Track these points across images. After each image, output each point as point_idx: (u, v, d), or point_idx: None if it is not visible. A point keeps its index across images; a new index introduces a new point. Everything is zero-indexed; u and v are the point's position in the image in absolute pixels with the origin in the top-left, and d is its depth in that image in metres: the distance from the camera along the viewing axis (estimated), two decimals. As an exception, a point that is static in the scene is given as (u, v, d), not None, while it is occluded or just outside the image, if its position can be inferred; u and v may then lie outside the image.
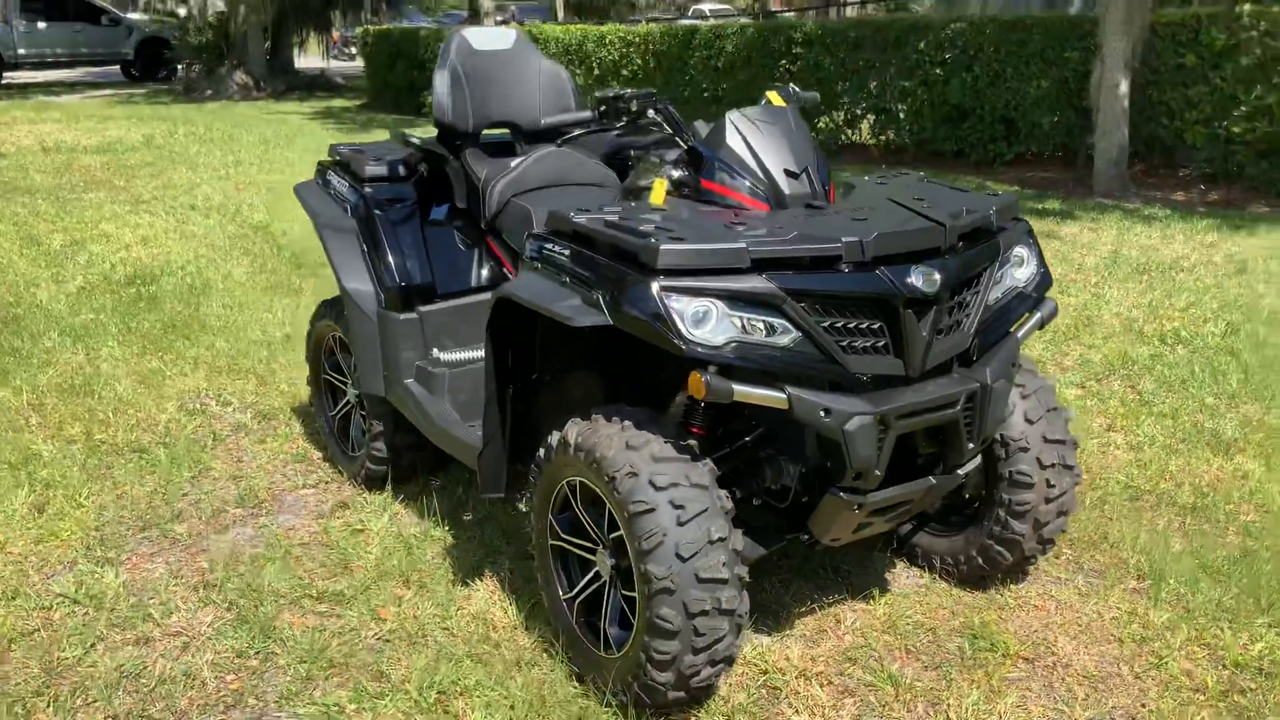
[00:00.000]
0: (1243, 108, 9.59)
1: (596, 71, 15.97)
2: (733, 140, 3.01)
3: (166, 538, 3.82)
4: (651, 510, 2.60)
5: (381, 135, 16.14)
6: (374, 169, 3.95)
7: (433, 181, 4.02)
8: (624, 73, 15.52)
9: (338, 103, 22.29)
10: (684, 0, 39.51)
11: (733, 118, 3.06)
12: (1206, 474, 4.22)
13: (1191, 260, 7.65)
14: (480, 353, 3.80)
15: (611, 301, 2.64)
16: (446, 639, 3.18)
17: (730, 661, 2.73)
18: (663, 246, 2.56)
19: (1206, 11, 9.89)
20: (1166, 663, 3.03)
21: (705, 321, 2.57)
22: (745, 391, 2.60)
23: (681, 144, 3.20)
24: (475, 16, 20.07)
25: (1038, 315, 3.08)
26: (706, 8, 35.49)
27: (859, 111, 12.73)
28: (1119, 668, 3.02)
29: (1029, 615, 3.27)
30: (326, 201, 4.06)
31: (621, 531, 2.70)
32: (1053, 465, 3.18)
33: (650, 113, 3.24)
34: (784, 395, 2.61)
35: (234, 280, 7.43)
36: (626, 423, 2.77)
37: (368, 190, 3.91)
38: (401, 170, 3.98)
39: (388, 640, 3.18)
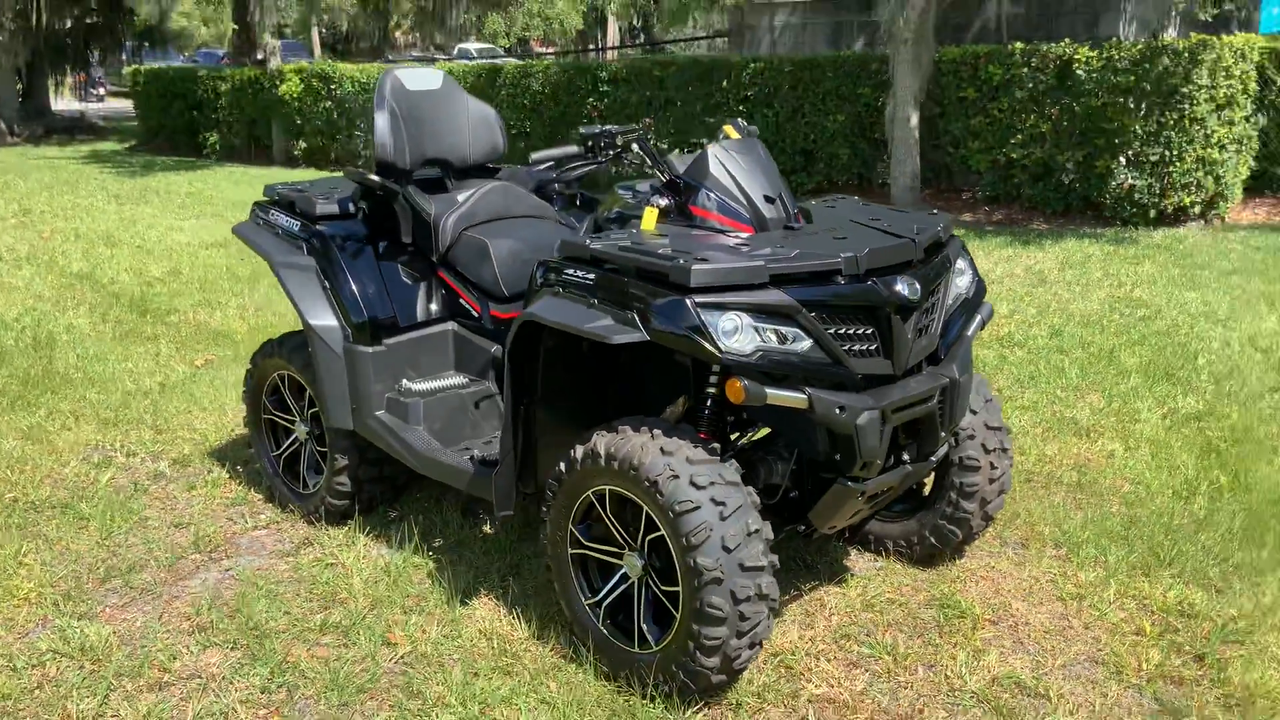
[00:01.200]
0: (1019, 135, 10.65)
1: (395, 110, 15.91)
2: (716, 170, 3.30)
3: (133, 588, 3.74)
4: (697, 508, 2.84)
5: (169, 177, 15.56)
6: (326, 207, 4.01)
7: (374, 218, 4.12)
8: (425, 111, 15.54)
9: (105, 145, 21.28)
10: (444, 41, 39.69)
11: (713, 150, 3.34)
12: (1078, 455, 4.80)
13: (998, 273, 8.48)
14: (447, 381, 3.94)
15: (647, 318, 2.87)
16: (465, 656, 3.29)
17: (762, 644, 2.99)
18: (694, 266, 2.81)
19: (984, 49, 10.94)
20: (1105, 614, 3.49)
21: (736, 333, 2.84)
22: (774, 394, 2.88)
23: (661, 175, 3.46)
24: (240, 54, 19.59)
25: (979, 317, 3.51)
26: (472, 48, 35.70)
27: (664, 146, 13.28)
28: (1069, 621, 3.47)
29: (980, 584, 3.69)
30: (276, 241, 4.08)
31: (661, 531, 2.92)
32: (994, 450, 3.61)
33: (634, 147, 3.49)
34: (804, 396, 2.91)
35: (79, 331, 7.13)
36: (656, 431, 3.00)
37: (322, 228, 3.97)
38: (351, 208, 4.06)
39: (408, 663, 3.27)
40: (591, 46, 41.45)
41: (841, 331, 2.97)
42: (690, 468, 2.90)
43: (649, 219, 3.30)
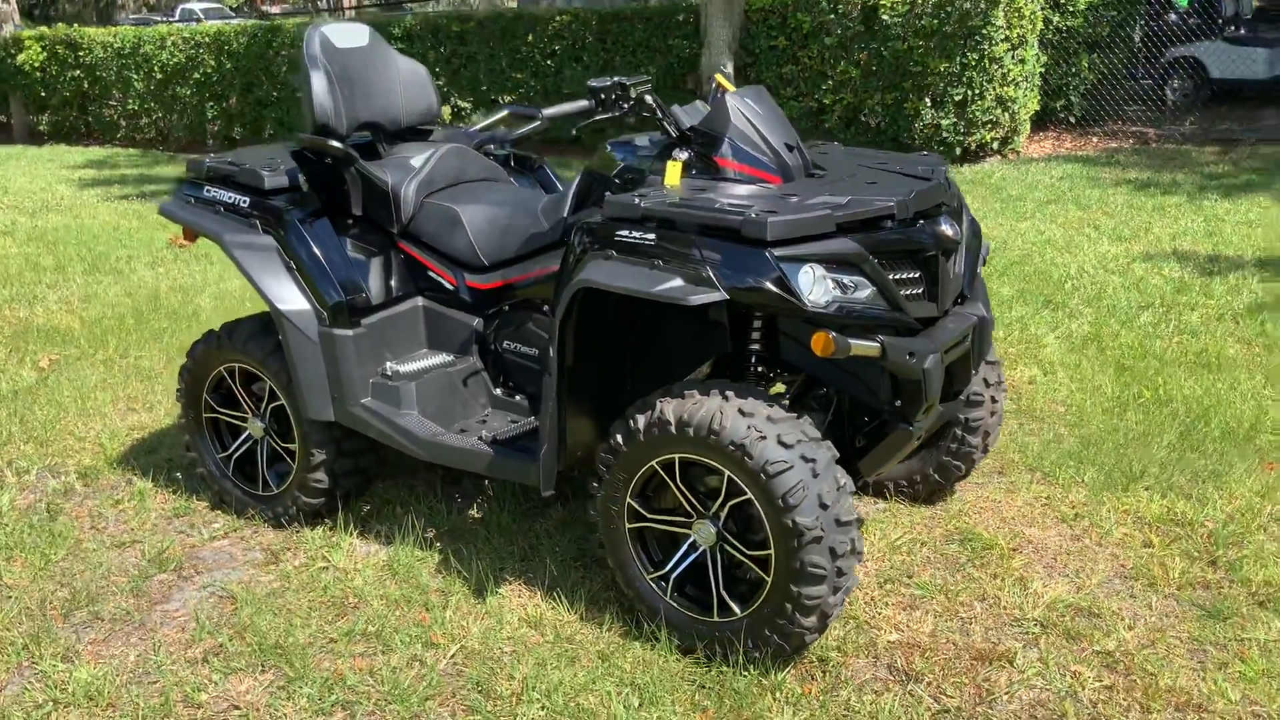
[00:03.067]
0: (830, 81, 10.96)
1: (160, 76, 14.77)
2: (738, 119, 3.19)
3: (104, 619, 3.31)
4: (790, 467, 2.76)
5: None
6: (275, 179, 3.64)
7: (317, 191, 3.77)
8: (195, 76, 14.49)
9: None
10: (169, 1, 37.16)
11: (731, 100, 3.23)
12: (1006, 383, 5.00)
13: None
14: (433, 360, 3.68)
15: (722, 276, 2.75)
16: (519, 649, 3.10)
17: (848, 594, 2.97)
18: (770, 219, 2.72)
19: (790, -2, 11.17)
20: (1110, 531, 3.66)
21: (813, 284, 2.77)
22: (855, 344, 2.83)
23: (668, 128, 3.30)
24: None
25: (980, 255, 3.57)
26: (197, 7, 33.54)
27: (469, 104, 12.89)
28: (1082, 542, 3.61)
29: (984, 515, 3.79)
30: (222, 219, 3.67)
31: (743, 495, 2.82)
32: (994, 384, 3.71)
33: (647, 99, 3.32)
34: (877, 344, 2.87)
35: (-117, 339, 6.25)
36: (728, 393, 2.89)
37: (275, 203, 3.61)
38: (301, 180, 3.70)
39: (460, 663, 3.05)
40: (324, 4, 39.54)
41: (898, 277, 2.95)
42: (774, 426, 2.82)
43: (673, 174, 3.16)
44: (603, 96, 3.28)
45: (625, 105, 3.28)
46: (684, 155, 3.21)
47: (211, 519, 3.94)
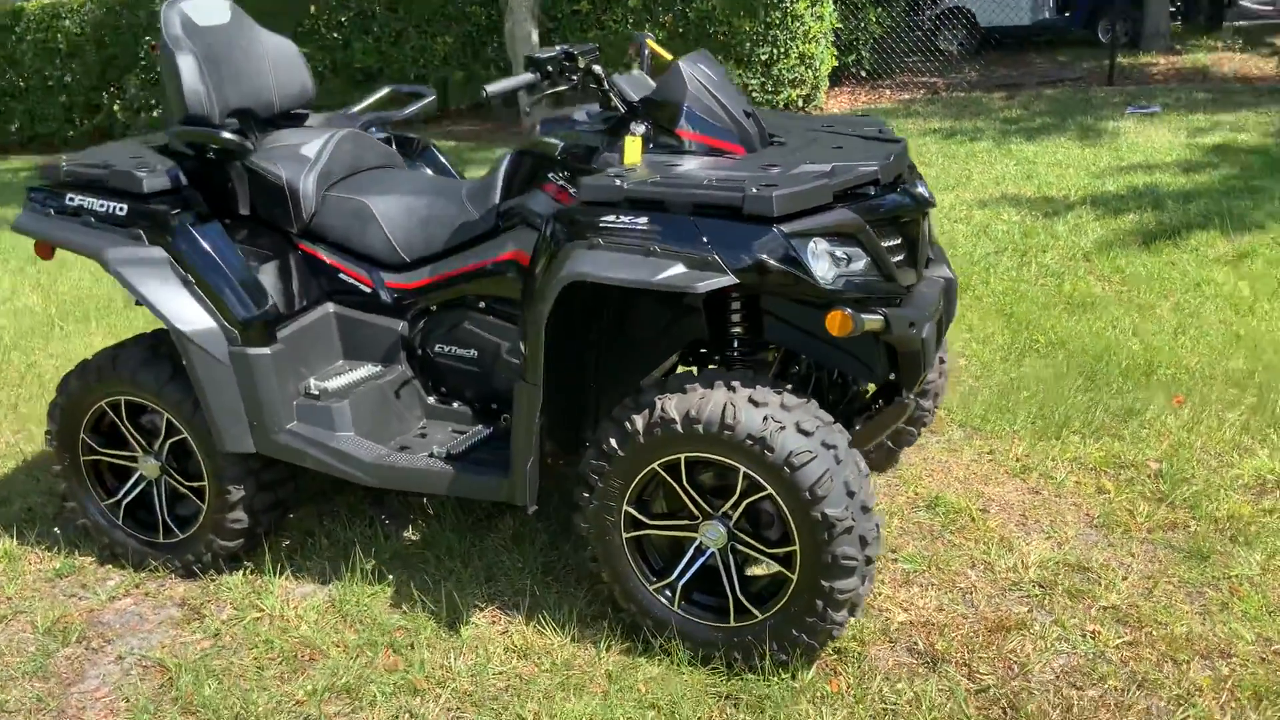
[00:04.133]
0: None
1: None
2: (695, 88, 2.95)
3: (12, 710, 2.80)
4: (814, 456, 2.59)
5: None
6: (154, 181, 3.14)
7: (199, 190, 3.30)
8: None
9: None
10: None
11: (684, 66, 2.99)
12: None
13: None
14: (360, 373, 3.30)
15: (732, 257, 2.53)
16: (516, 683, 2.82)
17: (868, 583, 2.83)
18: (775, 194, 2.51)
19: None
20: (1063, 482, 3.67)
21: (819, 259, 2.59)
22: (867, 320, 2.67)
23: (615, 101, 3.03)
24: None
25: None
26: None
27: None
28: (1042, 495, 3.61)
29: (939, 478, 3.74)
30: (95, 232, 3.15)
31: (768, 491, 2.63)
32: (943, 347, 3.64)
33: (596, 69, 3.03)
34: (881, 317, 2.72)
35: None
36: (733, 383, 2.69)
37: (159, 208, 3.12)
38: (182, 179, 3.22)
39: (456, 708, 2.74)
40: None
41: (887, 245, 2.81)
42: (790, 415, 2.64)
43: (633, 150, 2.89)
44: (549, 68, 2.97)
45: (574, 77, 2.99)
46: (641, 129, 2.95)
47: (104, 576, 3.42)
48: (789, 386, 2.74)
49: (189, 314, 3.06)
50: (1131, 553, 3.25)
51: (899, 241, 2.85)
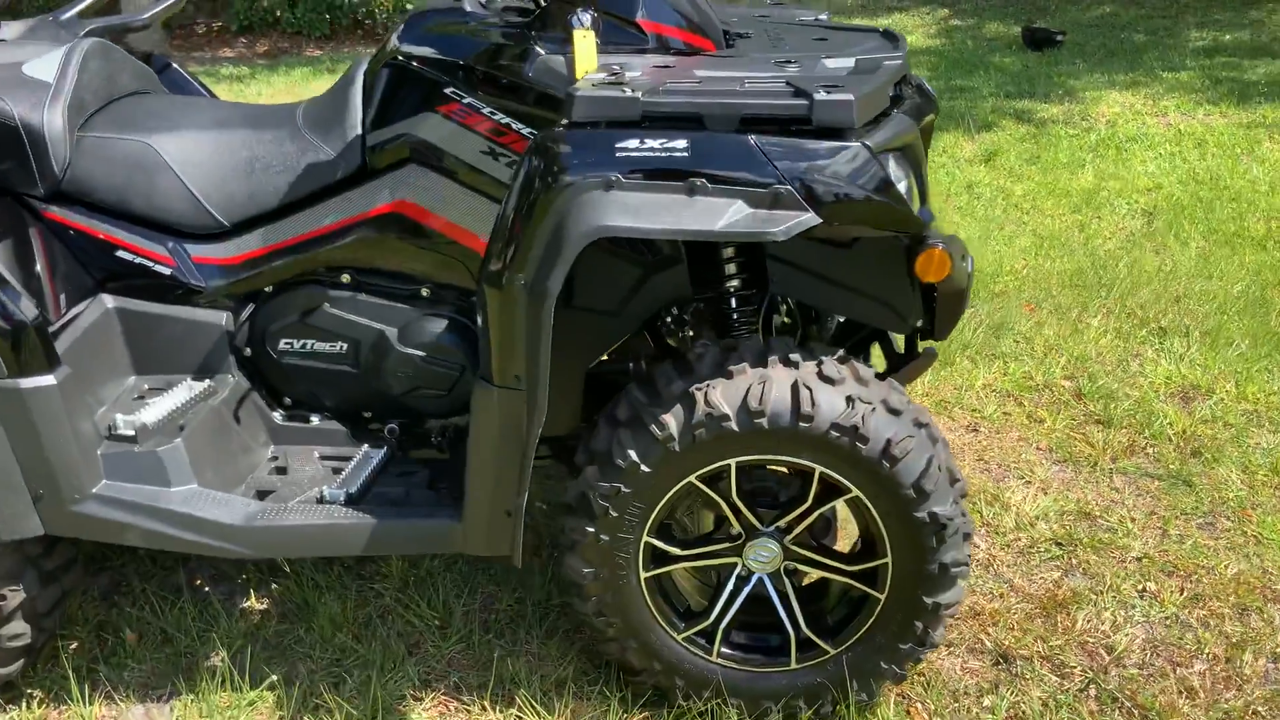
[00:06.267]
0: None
1: None
2: (651, -38, 2.19)
3: None
4: (915, 442, 1.98)
5: None
6: None
7: None
8: None
9: None
10: None
11: (633, -70, 2.21)
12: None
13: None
14: (181, 395, 2.25)
15: (811, 186, 1.83)
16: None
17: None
18: (854, 96, 1.84)
19: None
20: (992, 414, 3.31)
21: (900, 181, 1.96)
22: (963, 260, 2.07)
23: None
24: None
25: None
26: None
27: None
28: (981, 432, 3.23)
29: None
30: None
31: (856, 494, 2.00)
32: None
33: None
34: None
35: None
36: (791, 355, 2.01)
37: None
38: None
39: None
40: None
41: (912, 161, 2.23)
42: (873, 391, 2.01)
43: (586, 49, 2.08)
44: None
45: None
46: (587, 19, 2.13)
47: None
48: (842, 352, 2.11)
49: (-92, 338, 1.92)
50: (1116, 488, 2.93)
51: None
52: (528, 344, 1.90)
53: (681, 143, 1.83)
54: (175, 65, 2.93)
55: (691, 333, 2.52)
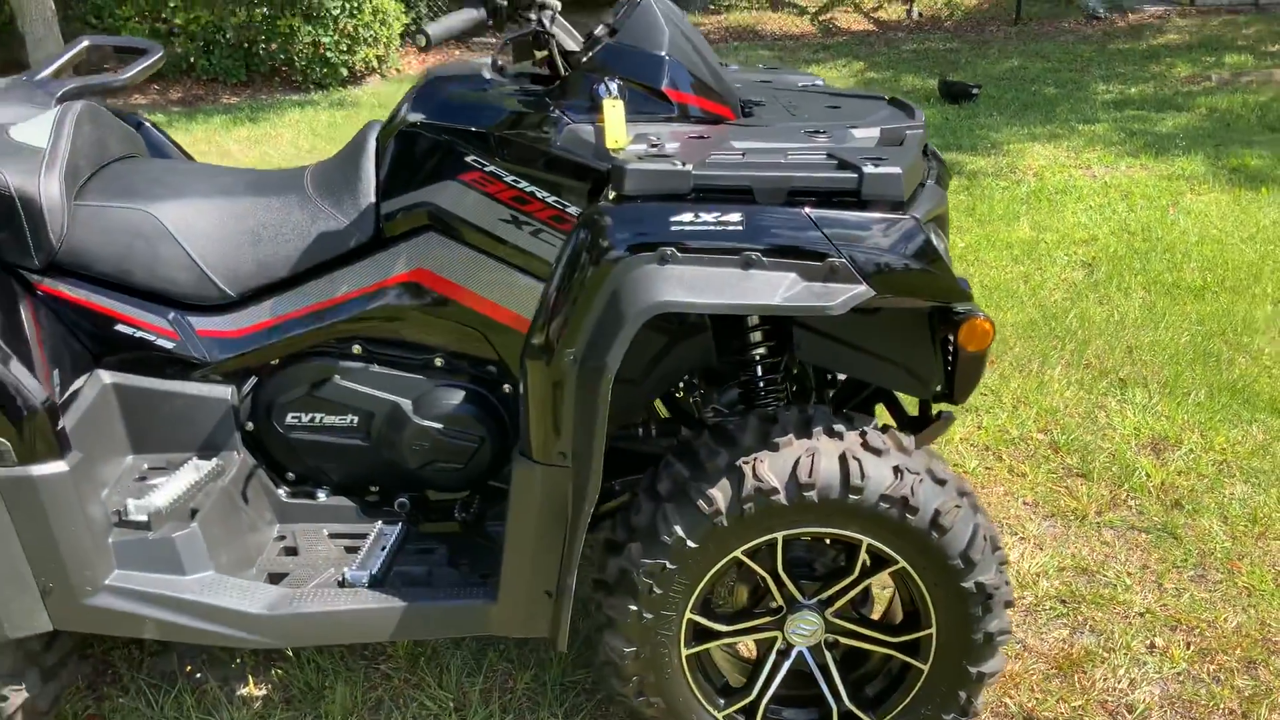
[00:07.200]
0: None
1: None
2: (675, 35, 2.18)
3: None
4: (961, 512, 1.98)
5: None
6: None
7: None
8: None
9: None
10: None
11: (656, 3, 2.20)
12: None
13: (280, 156, 7.35)
14: (188, 476, 2.14)
15: (863, 259, 1.83)
16: None
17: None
18: (887, 169, 1.85)
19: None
20: (975, 469, 3.35)
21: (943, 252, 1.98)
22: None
23: (556, 58, 2.15)
24: None
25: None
26: None
27: None
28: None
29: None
30: None
31: (902, 564, 1.99)
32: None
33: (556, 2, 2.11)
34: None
35: None
36: (835, 426, 2.00)
37: None
38: None
39: None
40: None
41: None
42: (917, 460, 2.00)
43: (616, 119, 2.05)
44: (499, 1, 2.04)
45: (532, 18, 2.08)
46: (614, 88, 2.11)
47: None
48: (877, 421, 2.11)
49: (-87, 424, 1.79)
50: (1106, 542, 2.98)
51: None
52: (578, 420, 1.86)
53: (736, 216, 1.81)
54: (148, 124, 2.82)
55: (702, 398, 2.51)
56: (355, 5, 9.45)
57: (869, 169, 1.83)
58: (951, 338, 2.03)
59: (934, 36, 12.01)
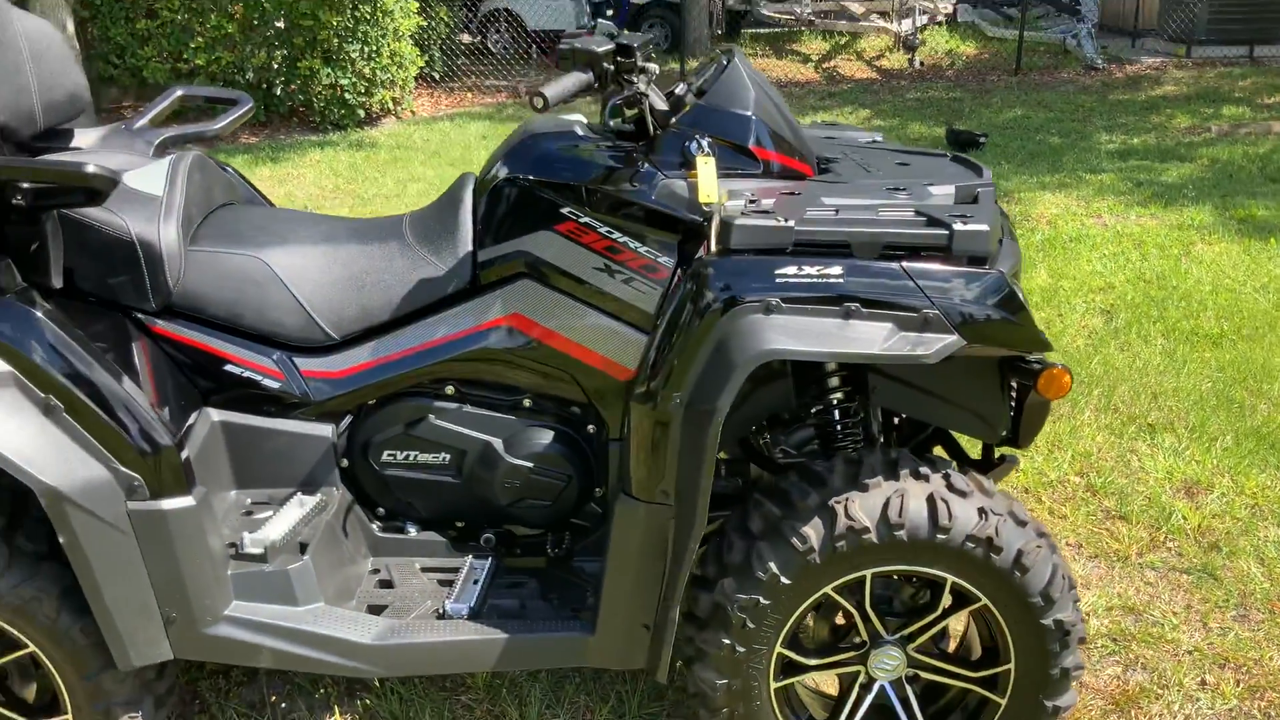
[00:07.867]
0: (199, 39, 9.31)
1: None
2: (759, 95, 2.31)
3: None
4: (1040, 547, 2.09)
5: None
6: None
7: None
8: None
9: None
10: None
11: (743, 67, 2.33)
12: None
13: (305, 195, 7.47)
14: (297, 510, 2.23)
15: (954, 310, 1.94)
16: None
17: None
18: (974, 226, 1.98)
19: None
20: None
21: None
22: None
23: (648, 115, 2.26)
24: None
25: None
26: None
27: None
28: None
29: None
30: None
31: (984, 602, 2.09)
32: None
33: (651, 66, 2.23)
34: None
35: None
36: (920, 470, 2.10)
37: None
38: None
39: None
40: None
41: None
42: (995, 502, 2.11)
43: (708, 176, 2.17)
44: (606, 65, 2.16)
45: (635, 81, 2.19)
46: (705, 145, 2.24)
47: None
48: (955, 464, 2.21)
49: (62, 461, 1.87)
50: (1149, 583, 3.08)
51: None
52: (685, 461, 1.96)
53: (837, 269, 1.93)
54: (232, 170, 2.93)
55: (770, 439, 2.61)
56: (374, 49, 9.61)
57: (959, 226, 1.95)
58: (1029, 384, 2.13)
59: (936, 85, 12.25)
